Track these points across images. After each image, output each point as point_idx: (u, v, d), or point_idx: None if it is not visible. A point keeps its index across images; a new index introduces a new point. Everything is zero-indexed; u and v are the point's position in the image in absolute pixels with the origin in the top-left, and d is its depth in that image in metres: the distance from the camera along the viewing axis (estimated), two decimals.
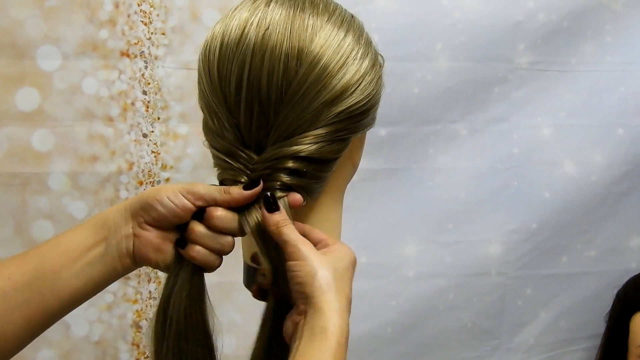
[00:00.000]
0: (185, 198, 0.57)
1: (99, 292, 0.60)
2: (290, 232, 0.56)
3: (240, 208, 0.58)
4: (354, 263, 0.58)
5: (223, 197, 0.58)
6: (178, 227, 0.59)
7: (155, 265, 0.60)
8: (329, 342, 0.51)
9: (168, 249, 0.59)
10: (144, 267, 0.69)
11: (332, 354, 0.51)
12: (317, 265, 0.54)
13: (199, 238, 0.58)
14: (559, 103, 1.29)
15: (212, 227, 0.58)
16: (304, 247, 0.55)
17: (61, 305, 0.58)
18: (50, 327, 0.60)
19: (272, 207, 0.57)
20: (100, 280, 0.59)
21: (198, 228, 0.58)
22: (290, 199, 0.59)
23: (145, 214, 0.58)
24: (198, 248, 0.58)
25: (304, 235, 0.58)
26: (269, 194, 0.57)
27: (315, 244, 0.58)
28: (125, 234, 0.59)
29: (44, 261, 0.58)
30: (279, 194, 0.58)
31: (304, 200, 0.59)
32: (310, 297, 0.53)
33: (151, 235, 0.59)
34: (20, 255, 0.59)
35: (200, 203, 0.58)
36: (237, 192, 0.57)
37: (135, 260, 0.60)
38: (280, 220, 0.56)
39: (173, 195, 0.57)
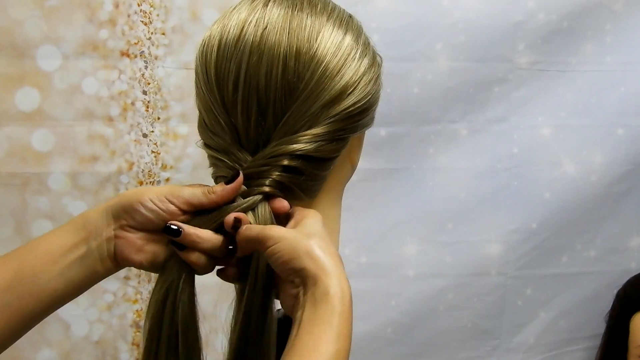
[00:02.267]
0: (172, 203, 0.57)
1: (80, 294, 0.60)
2: (251, 229, 0.56)
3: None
4: (321, 218, 0.57)
5: (209, 199, 0.57)
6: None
7: (139, 266, 0.60)
8: (332, 305, 0.50)
9: (150, 249, 0.59)
10: None
11: (337, 315, 0.50)
12: (294, 239, 0.53)
13: (200, 242, 0.57)
14: (559, 103, 1.29)
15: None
16: (271, 230, 0.55)
17: (41, 308, 0.57)
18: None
19: (237, 227, 0.56)
20: (81, 282, 0.58)
21: (202, 234, 0.57)
22: (276, 205, 0.58)
23: (129, 217, 0.57)
24: (198, 253, 0.58)
25: (282, 215, 0.58)
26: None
27: (289, 219, 0.58)
28: (107, 236, 0.58)
29: (23, 264, 0.57)
30: (263, 191, 0.58)
31: (290, 207, 0.59)
32: (302, 269, 0.52)
33: (133, 237, 0.58)
34: None
35: (186, 207, 0.57)
36: (220, 189, 0.57)
37: (117, 262, 0.59)
38: (242, 230, 0.56)
39: (158, 200, 0.57)
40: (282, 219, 0.59)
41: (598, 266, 1.34)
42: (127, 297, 1.21)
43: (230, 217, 0.56)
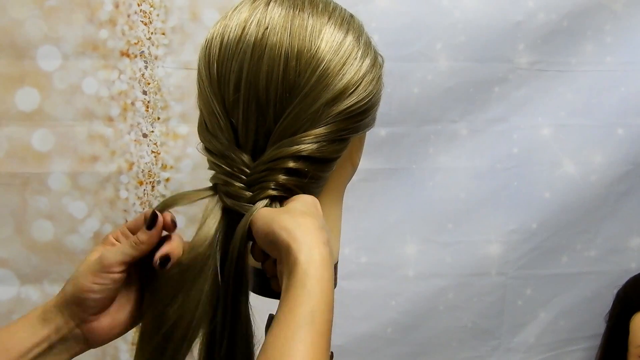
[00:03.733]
0: (110, 273, 0.57)
1: None
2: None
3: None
4: (315, 203, 0.58)
5: (140, 249, 0.57)
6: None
7: (116, 338, 0.61)
8: (304, 269, 0.49)
9: (121, 316, 0.60)
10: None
11: (310, 278, 0.49)
12: (271, 215, 0.54)
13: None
14: (559, 103, 1.29)
15: None
16: (256, 212, 0.56)
17: None
18: None
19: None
20: None
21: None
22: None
23: (83, 308, 0.57)
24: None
25: None
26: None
27: None
28: (71, 332, 0.58)
29: None
30: (270, 194, 0.58)
31: None
32: (276, 241, 0.52)
33: (100, 321, 0.59)
34: None
35: (124, 267, 0.57)
36: (146, 237, 0.57)
37: (91, 345, 0.60)
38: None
39: (98, 278, 0.56)
40: None
41: (598, 266, 1.34)
42: None
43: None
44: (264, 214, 0.56)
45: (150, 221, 0.57)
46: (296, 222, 0.52)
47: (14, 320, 0.59)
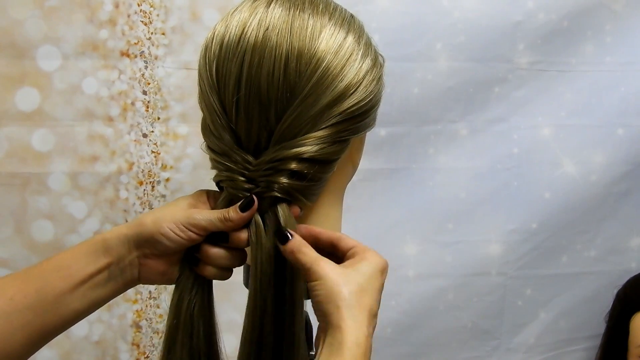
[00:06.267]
0: (190, 231, 0.59)
1: (98, 308, 0.63)
2: (304, 255, 0.56)
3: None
4: (383, 271, 0.58)
5: (226, 225, 0.59)
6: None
7: (165, 284, 0.63)
8: (344, 357, 0.51)
9: (174, 271, 0.62)
10: None
11: None
12: (335, 283, 0.54)
13: (213, 260, 0.60)
14: (559, 103, 1.29)
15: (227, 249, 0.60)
16: (319, 266, 0.55)
17: (62, 325, 0.60)
18: None
19: (285, 239, 0.58)
20: (103, 301, 0.61)
21: (212, 250, 0.60)
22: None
23: (151, 247, 0.60)
24: (210, 267, 0.61)
25: (334, 243, 0.59)
26: (281, 229, 0.58)
27: (346, 252, 0.59)
28: (130, 262, 0.60)
29: (45, 284, 0.58)
30: (273, 195, 0.59)
31: (300, 210, 0.60)
32: (328, 314, 0.53)
33: (156, 263, 0.61)
34: (20, 275, 0.60)
35: (203, 233, 0.59)
36: (237, 217, 0.58)
37: (141, 282, 0.63)
38: (295, 247, 0.57)
39: (178, 230, 0.59)
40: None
41: (598, 266, 1.34)
42: (127, 297, 1.21)
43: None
44: (326, 274, 0.55)
45: (247, 204, 0.58)
46: (353, 301, 0.54)
47: (73, 246, 0.61)
